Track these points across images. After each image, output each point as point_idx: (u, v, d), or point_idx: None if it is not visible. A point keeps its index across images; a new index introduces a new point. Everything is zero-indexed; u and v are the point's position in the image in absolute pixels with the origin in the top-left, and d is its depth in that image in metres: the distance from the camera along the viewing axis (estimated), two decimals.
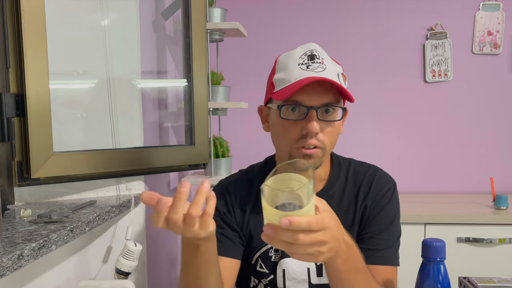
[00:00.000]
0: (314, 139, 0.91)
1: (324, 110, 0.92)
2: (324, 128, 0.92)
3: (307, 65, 0.93)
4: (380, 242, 0.99)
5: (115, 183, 1.45)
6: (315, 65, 0.92)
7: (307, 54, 0.94)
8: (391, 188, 1.04)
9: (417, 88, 2.37)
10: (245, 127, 2.33)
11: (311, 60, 0.93)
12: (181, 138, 1.79)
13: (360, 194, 1.02)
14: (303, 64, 0.93)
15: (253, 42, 2.34)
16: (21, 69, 1.12)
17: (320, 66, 0.92)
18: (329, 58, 0.97)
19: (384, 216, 1.01)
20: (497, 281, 0.92)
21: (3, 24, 1.10)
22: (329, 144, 0.94)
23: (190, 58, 1.62)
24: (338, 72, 0.94)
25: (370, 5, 2.36)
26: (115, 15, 1.50)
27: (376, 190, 1.02)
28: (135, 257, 1.31)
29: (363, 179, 1.04)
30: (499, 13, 2.30)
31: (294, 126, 0.92)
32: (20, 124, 1.14)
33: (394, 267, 1.00)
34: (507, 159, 2.33)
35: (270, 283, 1.03)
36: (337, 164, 1.06)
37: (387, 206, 1.01)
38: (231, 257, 1.01)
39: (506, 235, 1.86)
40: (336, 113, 0.94)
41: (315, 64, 0.92)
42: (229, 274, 1.00)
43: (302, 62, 0.93)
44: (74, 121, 1.41)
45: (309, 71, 0.91)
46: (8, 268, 0.81)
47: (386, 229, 1.00)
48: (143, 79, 1.62)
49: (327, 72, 0.91)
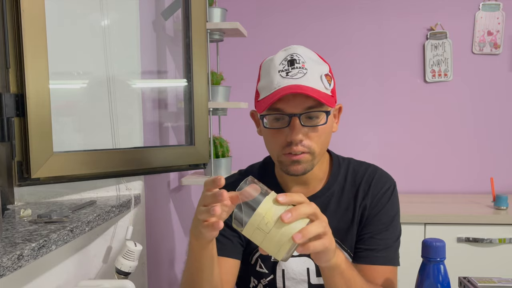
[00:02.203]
0: (299, 146, 0.91)
1: (306, 116, 0.91)
2: (309, 133, 0.92)
3: (287, 71, 0.91)
4: (380, 242, 0.99)
5: (115, 183, 1.45)
6: (295, 71, 0.91)
7: (287, 59, 0.92)
8: (391, 188, 1.03)
9: (417, 88, 2.37)
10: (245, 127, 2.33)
11: (291, 66, 0.91)
12: (181, 138, 1.79)
13: (359, 194, 1.02)
14: (283, 71, 0.91)
15: (253, 42, 2.34)
16: (21, 69, 1.12)
17: (300, 71, 0.90)
18: (315, 58, 0.95)
19: (384, 216, 1.00)
20: (497, 281, 0.92)
21: (3, 24, 1.10)
22: (318, 147, 0.94)
23: (190, 58, 1.62)
24: (322, 74, 0.92)
25: (370, 5, 2.36)
26: (115, 15, 1.50)
27: (376, 189, 1.02)
28: (135, 257, 1.30)
29: (362, 179, 1.03)
30: (499, 13, 2.30)
31: (279, 134, 0.93)
32: (20, 124, 1.14)
33: (394, 267, 1.00)
34: (507, 159, 2.33)
35: (269, 283, 1.03)
36: (337, 163, 1.06)
37: (386, 206, 1.01)
38: (231, 257, 1.01)
39: (506, 235, 1.86)
40: (321, 117, 0.93)
41: (295, 70, 0.91)
42: (229, 274, 1.00)
43: (282, 68, 0.92)
44: (74, 121, 1.41)
45: (288, 78, 0.90)
46: (8, 268, 0.81)
47: (386, 228, 1.00)
48: (143, 79, 1.62)
49: (308, 76, 0.90)
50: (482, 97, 2.34)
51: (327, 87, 0.92)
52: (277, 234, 0.68)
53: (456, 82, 2.34)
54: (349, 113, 2.28)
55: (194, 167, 1.66)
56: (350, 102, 2.37)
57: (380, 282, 0.96)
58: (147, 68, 1.67)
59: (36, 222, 1.06)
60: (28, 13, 1.12)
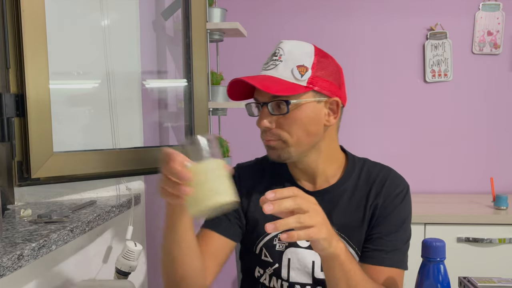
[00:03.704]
0: (268, 133, 0.98)
1: (275, 104, 0.95)
2: (279, 121, 0.97)
3: (266, 63, 0.99)
4: (388, 244, 0.98)
5: (115, 183, 1.45)
6: (270, 63, 0.98)
7: (272, 53, 1.00)
8: (404, 190, 1.04)
9: (417, 88, 2.37)
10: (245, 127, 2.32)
11: (271, 58, 0.99)
12: (181, 138, 1.79)
13: (371, 193, 1.03)
14: (265, 63, 1.00)
15: (253, 42, 2.34)
16: (21, 69, 1.12)
17: (274, 63, 0.97)
18: (299, 51, 0.97)
19: (395, 217, 1.01)
20: (497, 281, 0.92)
21: (3, 24, 1.10)
22: (292, 136, 0.97)
23: (190, 58, 1.62)
24: (294, 65, 0.95)
25: (370, 5, 2.36)
26: (115, 15, 1.50)
27: (389, 190, 1.02)
28: (135, 257, 1.31)
29: (376, 179, 1.04)
30: (499, 13, 2.30)
31: (257, 121, 0.99)
32: (20, 124, 1.14)
33: (400, 270, 0.99)
34: (507, 159, 2.33)
35: (274, 272, 1.03)
36: (352, 162, 1.07)
37: (398, 207, 1.01)
38: (223, 234, 1.03)
39: (506, 235, 1.86)
40: (286, 106, 0.95)
41: (271, 62, 0.98)
42: (218, 252, 1.01)
43: (266, 61, 1.00)
44: (74, 121, 1.41)
45: (263, 71, 0.98)
46: (8, 268, 0.81)
47: (396, 230, 1.00)
48: (143, 79, 1.62)
49: (278, 68, 0.96)
50: (482, 97, 2.34)
51: (298, 77, 0.95)
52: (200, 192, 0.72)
53: (456, 82, 2.34)
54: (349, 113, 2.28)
55: None
56: (350, 102, 2.35)
57: (385, 284, 0.96)
58: (147, 68, 1.67)
59: (36, 222, 1.06)
60: (28, 13, 1.12)
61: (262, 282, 1.06)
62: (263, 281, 1.06)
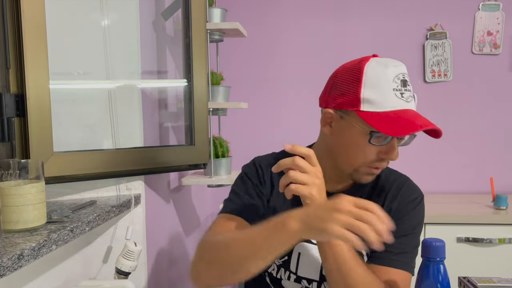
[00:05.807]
0: (385, 163, 0.97)
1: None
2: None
3: (401, 92, 0.90)
4: (397, 246, 0.98)
5: (115, 183, 1.45)
6: (407, 94, 0.91)
7: (400, 78, 0.91)
8: (418, 198, 1.06)
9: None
10: (245, 127, 2.33)
11: (404, 87, 0.91)
12: (181, 138, 1.79)
13: (387, 198, 1.04)
14: (397, 90, 0.90)
15: (253, 42, 2.34)
16: (21, 69, 1.12)
17: (411, 95, 0.92)
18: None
19: (407, 222, 1.01)
20: (497, 281, 0.92)
21: (3, 24, 1.10)
22: None
23: (190, 58, 1.62)
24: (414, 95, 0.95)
25: (370, 5, 2.36)
26: (115, 15, 1.50)
27: (404, 196, 1.04)
28: (135, 257, 1.31)
29: (392, 185, 1.06)
30: (499, 13, 2.30)
31: (373, 148, 0.93)
32: (20, 124, 1.13)
33: (407, 273, 0.99)
34: (507, 159, 2.33)
35: (283, 263, 1.04)
36: None
37: (411, 213, 1.03)
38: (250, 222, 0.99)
39: (506, 235, 1.86)
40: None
41: (407, 92, 0.91)
42: None
43: (396, 87, 0.90)
44: (74, 121, 1.41)
45: (404, 102, 0.90)
46: (8, 268, 0.81)
47: (406, 234, 1.00)
48: (143, 79, 1.62)
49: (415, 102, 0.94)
50: (482, 97, 2.34)
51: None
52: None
53: (456, 82, 2.34)
54: None
55: (194, 167, 1.66)
56: None
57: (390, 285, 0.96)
58: (147, 68, 1.67)
59: None
60: (28, 13, 1.12)
61: (270, 272, 1.06)
62: (271, 271, 1.06)
